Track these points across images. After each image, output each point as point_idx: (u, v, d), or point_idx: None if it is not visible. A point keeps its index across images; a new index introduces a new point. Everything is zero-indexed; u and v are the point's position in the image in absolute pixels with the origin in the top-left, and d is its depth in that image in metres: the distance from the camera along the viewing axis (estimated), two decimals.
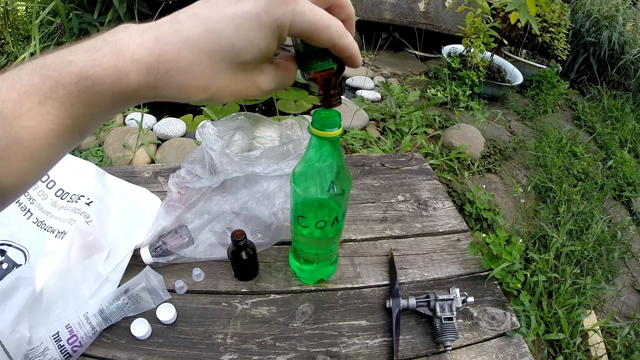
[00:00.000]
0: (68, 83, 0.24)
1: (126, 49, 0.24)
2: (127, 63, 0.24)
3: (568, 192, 1.77)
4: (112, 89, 0.25)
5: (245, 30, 0.25)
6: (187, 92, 0.26)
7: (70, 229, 0.63)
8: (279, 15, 0.25)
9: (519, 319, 0.75)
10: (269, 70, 0.30)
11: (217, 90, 0.27)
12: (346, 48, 0.30)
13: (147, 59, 0.25)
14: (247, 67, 0.27)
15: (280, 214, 0.70)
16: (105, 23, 2.21)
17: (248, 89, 0.28)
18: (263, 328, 0.62)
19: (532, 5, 1.42)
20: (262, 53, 0.27)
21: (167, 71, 0.25)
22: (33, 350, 0.54)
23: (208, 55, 0.25)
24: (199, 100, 0.28)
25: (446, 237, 0.80)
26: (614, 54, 2.98)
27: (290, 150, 0.71)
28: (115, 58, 0.24)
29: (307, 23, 0.27)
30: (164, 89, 0.26)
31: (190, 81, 0.26)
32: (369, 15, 2.99)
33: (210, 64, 0.26)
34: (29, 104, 0.24)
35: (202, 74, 0.26)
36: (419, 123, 2.00)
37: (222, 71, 0.26)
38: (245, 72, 0.27)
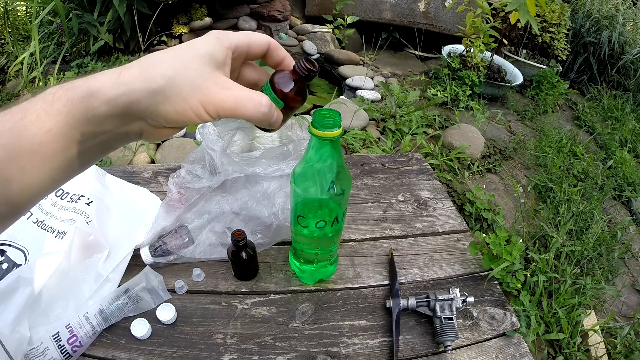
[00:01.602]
0: (78, 97, 0.27)
1: (121, 76, 0.29)
2: (119, 84, 0.28)
3: (568, 192, 1.77)
4: (110, 103, 0.28)
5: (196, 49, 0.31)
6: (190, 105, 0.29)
7: (70, 229, 0.63)
8: (215, 34, 0.31)
9: (519, 319, 0.75)
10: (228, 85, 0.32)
11: (213, 93, 0.29)
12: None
13: (134, 78, 0.29)
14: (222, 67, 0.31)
15: (280, 214, 0.70)
16: (105, 23, 2.21)
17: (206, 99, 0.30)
18: (263, 328, 0.62)
19: (532, 5, 1.42)
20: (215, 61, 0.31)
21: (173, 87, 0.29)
22: (33, 350, 0.54)
23: (193, 67, 0.29)
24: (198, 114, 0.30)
25: (446, 237, 0.80)
26: (614, 54, 2.98)
27: (291, 151, 0.71)
28: (113, 82, 0.28)
29: (240, 34, 0.33)
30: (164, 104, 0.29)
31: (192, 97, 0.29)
32: (369, 15, 2.99)
33: (198, 74, 0.29)
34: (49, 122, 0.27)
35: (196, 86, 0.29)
36: (419, 123, 2.00)
37: (209, 75, 0.30)
38: (220, 72, 0.31)
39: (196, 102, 0.29)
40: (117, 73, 0.29)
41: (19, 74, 2.38)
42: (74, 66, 2.25)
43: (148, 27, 2.16)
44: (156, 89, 0.28)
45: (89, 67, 2.21)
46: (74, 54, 2.40)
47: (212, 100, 0.29)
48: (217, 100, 0.29)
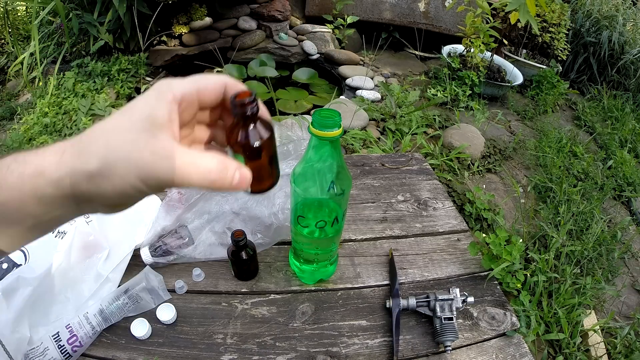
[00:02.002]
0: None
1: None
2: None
3: (568, 192, 1.77)
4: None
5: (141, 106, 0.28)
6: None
7: (70, 229, 0.63)
8: (158, 86, 0.28)
9: (519, 319, 0.75)
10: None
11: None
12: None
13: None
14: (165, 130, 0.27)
15: (280, 214, 0.70)
16: (105, 23, 2.21)
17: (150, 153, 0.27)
18: (263, 328, 0.62)
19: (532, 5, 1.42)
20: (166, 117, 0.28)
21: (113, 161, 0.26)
22: (33, 350, 0.54)
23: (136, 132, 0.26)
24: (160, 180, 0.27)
25: (446, 237, 0.80)
26: (614, 54, 2.98)
27: (291, 151, 0.71)
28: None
29: (187, 81, 0.29)
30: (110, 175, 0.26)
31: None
32: (369, 15, 2.99)
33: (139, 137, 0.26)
34: None
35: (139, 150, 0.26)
36: (419, 123, 2.00)
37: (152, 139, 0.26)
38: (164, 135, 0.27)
39: (134, 179, 0.26)
40: (61, 151, 0.27)
41: (19, 74, 2.38)
42: (74, 66, 2.25)
43: (148, 27, 2.16)
44: (92, 170, 0.26)
45: (89, 67, 2.21)
46: (74, 54, 2.40)
47: (151, 174, 0.26)
48: (156, 173, 0.26)
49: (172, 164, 0.26)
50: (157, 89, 0.28)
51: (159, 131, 0.26)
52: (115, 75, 2.23)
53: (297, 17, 3.09)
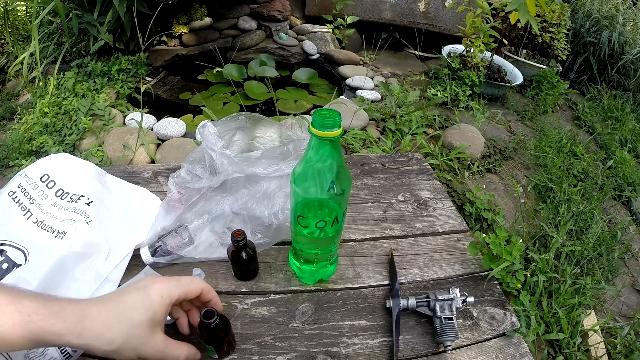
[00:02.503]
0: None
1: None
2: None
3: (568, 192, 1.77)
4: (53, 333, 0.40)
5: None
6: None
7: (70, 229, 0.63)
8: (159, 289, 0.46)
9: (519, 319, 0.75)
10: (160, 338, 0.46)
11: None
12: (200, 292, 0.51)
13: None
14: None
15: (280, 214, 0.70)
16: (105, 23, 2.21)
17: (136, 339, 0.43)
18: (263, 328, 0.62)
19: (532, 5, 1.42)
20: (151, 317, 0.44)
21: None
22: (33, 350, 0.54)
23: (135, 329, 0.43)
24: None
25: (446, 237, 0.80)
26: (614, 54, 2.98)
27: (291, 151, 0.71)
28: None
29: (180, 288, 0.48)
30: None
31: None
32: (369, 15, 3.00)
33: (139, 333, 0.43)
34: None
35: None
36: (419, 123, 2.00)
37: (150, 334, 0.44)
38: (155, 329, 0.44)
39: (135, 357, 0.42)
40: (81, 327, 0.39)
41: (19, 74, 2.38)
42: (74, 66, 2.25)
43: (148, 27, 2.16)
44: (107, 350, 0.40)
45: (89, 67, 2.21)
46: (74, 54, 2.40)
47: (145, 356, 0.43)
48: (149, 357, 0.43)
49: (161, 354, 0.44)
50: (160, 293, 0.44)
51: (156, 328, 0.44)
52: (115, 75, 2.24)
53: (297, 17, 3.09)
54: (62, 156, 0.70)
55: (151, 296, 0.43)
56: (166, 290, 0.44)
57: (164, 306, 0.43)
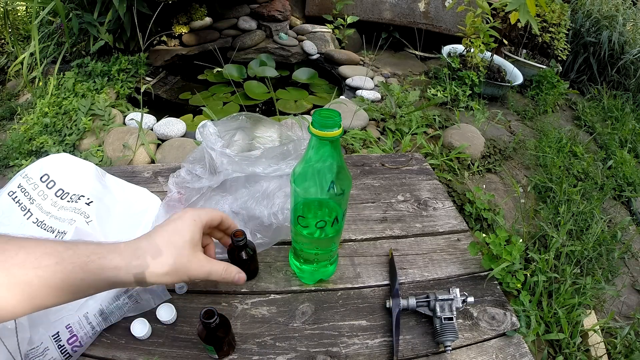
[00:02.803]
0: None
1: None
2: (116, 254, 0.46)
3: (568, 192, 1.77)
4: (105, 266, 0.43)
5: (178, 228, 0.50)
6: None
7: (70, 229, 0.63)
8: (189, 215, 0.52)
9: (519, 319, 0.75)
10: (199, 256, 0.51)
11: (186, 263, 0.48)
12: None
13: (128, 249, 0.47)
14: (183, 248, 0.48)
15: (280, 214, 0.70)
16: (105, 23, 2.21)
17: (179, 260, 0.48)
18: (263, 328, 0.62)
19: (532, 5, 1.42)
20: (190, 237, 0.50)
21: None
22: (33, 350, 0.54)
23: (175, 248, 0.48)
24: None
25: (446, 237, 0.80)
26: (614, 54, 2.98)
27: (291, 150, 0.71)
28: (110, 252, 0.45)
29: (204, 275, 0.51)
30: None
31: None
32: (369, 15, 2.99)
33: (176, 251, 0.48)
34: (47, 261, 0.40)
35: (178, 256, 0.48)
36: (419, 123, 2.00)
37: (185, 251, 0.48)
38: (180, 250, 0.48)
39: (185, 277, 0.48)
40: (136, 256, 0.44)
41: (19, 74, 2.38)
42: (74, 66, 2.25)
43: (148, 27, 2.16)
44: (163, 272, 0.45)
45: (89, 67, 2.21)
46: (74, 54, 2.40)
47: (194, 274, 0.48)
48: (195, 274, 0.48)
49: (205, 269, 0.50)
50: (192, 218, 0.50)
51: (197, 248, 0.50)
52: (115, 75, 2.23)
53: (297, 17, 3.09)
54: (62, 156, 0.70)
55: (187, 221, 0.49)
56: (197, 215, 0.50)
57: (199, 228, 0.49)
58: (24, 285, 0.37)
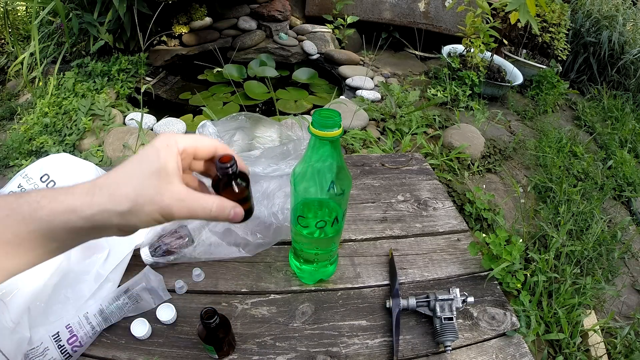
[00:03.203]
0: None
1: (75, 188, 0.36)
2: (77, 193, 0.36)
3: (568, 192, 1.77)
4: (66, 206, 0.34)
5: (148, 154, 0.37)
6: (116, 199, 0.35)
7: None
8: (166, 141, 0.37)
9: (519, 319, 0.75)
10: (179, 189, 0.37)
11: (137, 195, 0.35)
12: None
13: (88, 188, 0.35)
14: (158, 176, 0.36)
15: (280, 214, 0.70)
16: (105, 23, 2.21)
17: (158, 196, 0.35)
18: (263, 328, 0.62)
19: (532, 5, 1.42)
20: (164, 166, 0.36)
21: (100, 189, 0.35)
22: (33, 350, 0.54)
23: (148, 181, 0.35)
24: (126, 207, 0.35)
25: (446, 237, 0.80)
26: (614, 54, 2.98)
27: (290, 150, 0.71)
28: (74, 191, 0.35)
29: (189, 139, 0.38)
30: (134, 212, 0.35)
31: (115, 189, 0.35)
32: (369, 15, 2.99)
33: (130, 178, 0.35)
34: None
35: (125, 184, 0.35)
36: (419, 123, 2.00)
37: (168, 186, 0.35)
38: (157, 180, 0.36)
39: (157, 215, 0.35)
40: (91, 193, 0.34)
41: (19, 74, 2.38)
42: (74, 66, 2.25)
43: (148, 27, 2.15)
44: (123, 210, 0.34)
45: (89, 67, 2.21)
46: (74, 54, 2.40)
47: (169, 212, 0.35)
48: (173, 211, 0.35)
49: (186, 204, 0.35)
50: (165, 142, 0.36)
51: (172, 178, 0.36)
52: (115, 75, 2.23)
53: (297, 17, 3.09)
54: (62, 156, 0.70)
55: (156, 146, 0.36)
56: (171, 139, 0.37)
57: (172, 155, 0.36)
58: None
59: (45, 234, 0.34)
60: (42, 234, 0.34)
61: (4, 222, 0.33)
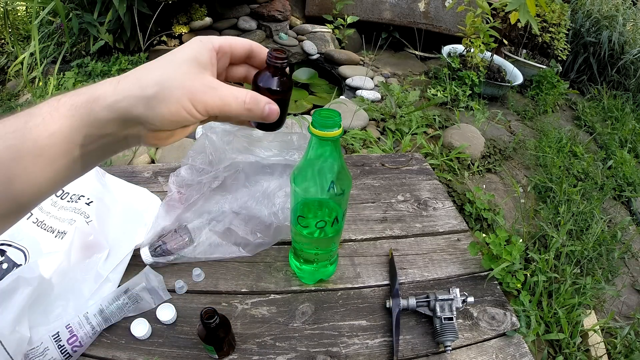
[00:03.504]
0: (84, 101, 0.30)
1: (129, 92, 0.31)
2: (118, 90, 0.31)
3: (568, 192, 1.77)
4: (112, 107, 0.30)
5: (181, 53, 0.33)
6: (177, 108, 0.31)
7: (70, 229, 0.63)
8: (199, 39, 0.34)
9: (519, 319, 0.75)
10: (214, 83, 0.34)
11: (199, 94, 0.31)
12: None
13: (130, 87, 0.31)
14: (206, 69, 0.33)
15: (280, 214, 0.70)
16: (105, 23, 2.21)
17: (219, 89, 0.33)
18: (263, 328, 0.62)
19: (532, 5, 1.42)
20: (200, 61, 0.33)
21: (159, 94, 0.30)
22: (33, 350, 0.54)
23: (180, 73, 0.31)
24: (188, 114, 0.32)
25: (446, 237, 0.80)
26: (614, 54, 2.98)
27: (294, 141, 0.71)
28: (110, 85, 0.31)
29: (222, 38, 0.35)
30: (155, 111, 0.31)
31: (175, 103, 0.31)
32: (369, 15, 2.99)
33: (184, 77, 0.31)
34: (54, 126, 0.29)
35: (182, 89, 0.31)
36: (419, 123, 2.00)
37: (195, 76, 0.32)
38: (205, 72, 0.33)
39: (187, 102, 0.31)
40: (116, 81, 0.31)
41: (19, 74, 2.38)
42: (74, 66, 2.25)
43: (148, 27, 2.16)
44: (150, 94, 0.30)
45: (89, 67, 2.21)
46: (74, 54, 2.40)
47: (201, 99, 0.31)
48: (205, 99, 0.31)
49: (218, 93, 0.32)
50: (199, 39, 0.33)
51: (204, 69, 0.33)
52: (115, 75, 2.23)
53: (297, 17, 3.09)
54: None
55: (191, 43, 0.34)
56: (205, 37, 0.34)
57: (206, 49, 0.33)
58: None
59: (66, 136, 0.30)
60: (63, 136, 0.30)
61: (23, 130, 0.29)
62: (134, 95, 0.30)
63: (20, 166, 0.28)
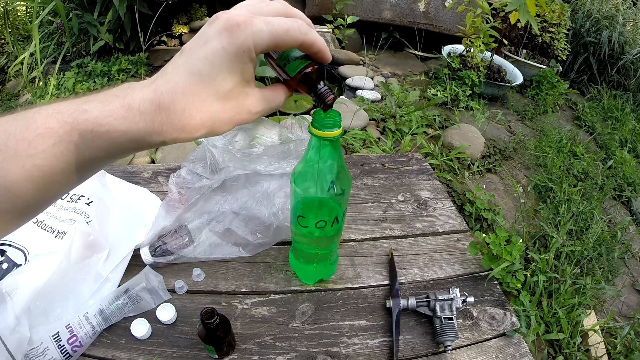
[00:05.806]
0: (84, 129, 0.27)
1: (133, 102, 0.28)
2: (135, 115, 0.28)
3: (568, 192, 1.77)
4: (124, 136, 0.28)
5: (218, 64, 0.29)
6: (189, 131, 0.30)
7: (70, 229, 0.63)
8: (240, 41, 0.29)
9: (519, 319, 0.75)
10: (255, 93, 0.33)
11: (214, 123, 0.30)
12: (312, 43, 0.32)
13: (150, 109, 0.28)
14: (232, 95, 0.31)
15: (280, 214, 0.70)
16: (105, 23, 2.21)
17: (240, 114, 0.32)
18: (263, 328, 0.62)
19: (532, 5, 1.42)
20: (240, 77, 0.31)
21: (167, 116, 0.29)
22: (33, 350, 0.54)
23: (197, 94, 0.29)
24: (201, 136, 0.31)
25: (446, 237, 0.80)
26: (614, 54, 2.98)
27: (291, 150, 0.71)
28: (125, 111, 0.28)
29: (267, 36, 0.30)
30: (167, 132, 0.29)
31: (189, 121, 0.29)
32: (369, 15, 2.99)
33: (201, 102, 0.29)
34: (44, 145, 0.26)
35: (197, 111, 0.29)
36: (419, 123, 2.00)
37: (212, 104, 0.30)
38: (232, 99, 0.31)
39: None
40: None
41: (19, 74, 2.38)
42: (74, 66, 2.25)
43: (148, 27, 2.16)
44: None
45: (89, 67, 2.21)
46: (74, 54, 2.40)
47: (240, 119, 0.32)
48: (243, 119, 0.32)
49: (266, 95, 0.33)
50: (238, 45, 0.29)
51: (247, 83, 0.32)
52: (115, 75, 2.24)
53: None
54: None
55: (228, 51, 0.29)
56: (250, 38, 0.29)
57: (250, 60, 0.30)
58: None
59: (71, 129, 0.27)
60: (70, 128, 0.27)
61: (29, 114, 0.27)
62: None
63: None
